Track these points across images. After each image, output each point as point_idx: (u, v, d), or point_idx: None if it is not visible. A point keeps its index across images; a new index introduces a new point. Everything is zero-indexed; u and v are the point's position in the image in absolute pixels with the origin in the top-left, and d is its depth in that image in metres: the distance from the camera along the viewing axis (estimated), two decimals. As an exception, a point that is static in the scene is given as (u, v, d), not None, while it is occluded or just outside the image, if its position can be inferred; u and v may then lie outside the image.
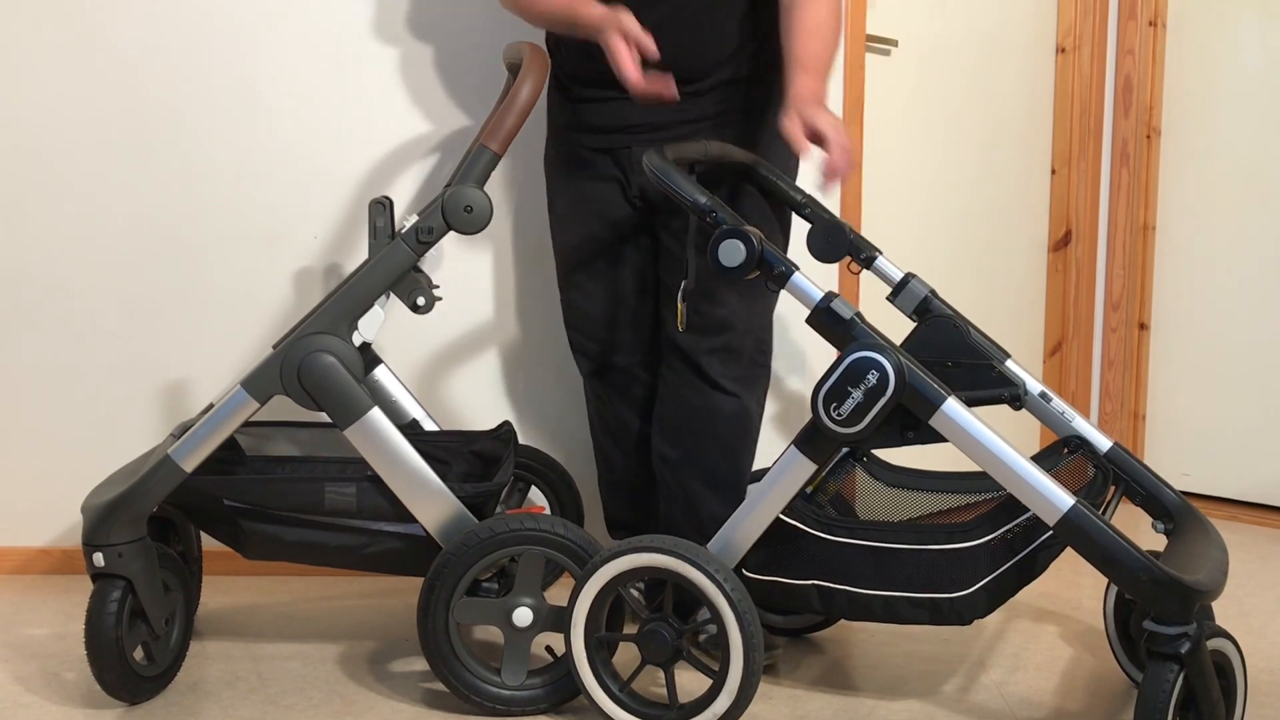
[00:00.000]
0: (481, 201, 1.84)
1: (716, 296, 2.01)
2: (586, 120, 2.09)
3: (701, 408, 2.07)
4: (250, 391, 1.83)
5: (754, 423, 2.12)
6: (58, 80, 2.43)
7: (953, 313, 1.99)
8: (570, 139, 2.13)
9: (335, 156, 2.47)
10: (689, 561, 1.71)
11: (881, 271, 2.07)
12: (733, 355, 2.05)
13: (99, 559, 1.82)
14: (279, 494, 1.90)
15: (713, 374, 2.05)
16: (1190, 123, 3.00)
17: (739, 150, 1.98)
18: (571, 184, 2.14)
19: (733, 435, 2.08)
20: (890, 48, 2.69)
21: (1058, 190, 3.13)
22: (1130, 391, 3.13)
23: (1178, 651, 1.51)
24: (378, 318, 1.89)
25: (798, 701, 1.93)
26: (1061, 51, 3.09)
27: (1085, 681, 2.02)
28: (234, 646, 2.15)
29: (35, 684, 1.99)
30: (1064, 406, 1.93)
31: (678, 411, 2.09)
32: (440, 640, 1.83)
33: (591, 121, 2.08)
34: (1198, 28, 2.97)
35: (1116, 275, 3.13)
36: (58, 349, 2.49)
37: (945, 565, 1.71)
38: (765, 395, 2.16)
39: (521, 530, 1.81)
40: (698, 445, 2.07)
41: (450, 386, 2.55)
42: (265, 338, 2.49)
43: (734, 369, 2.05)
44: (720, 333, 2.04)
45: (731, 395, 2.06)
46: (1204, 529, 1.78)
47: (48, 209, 2.46)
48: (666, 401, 2.11)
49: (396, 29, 2.44)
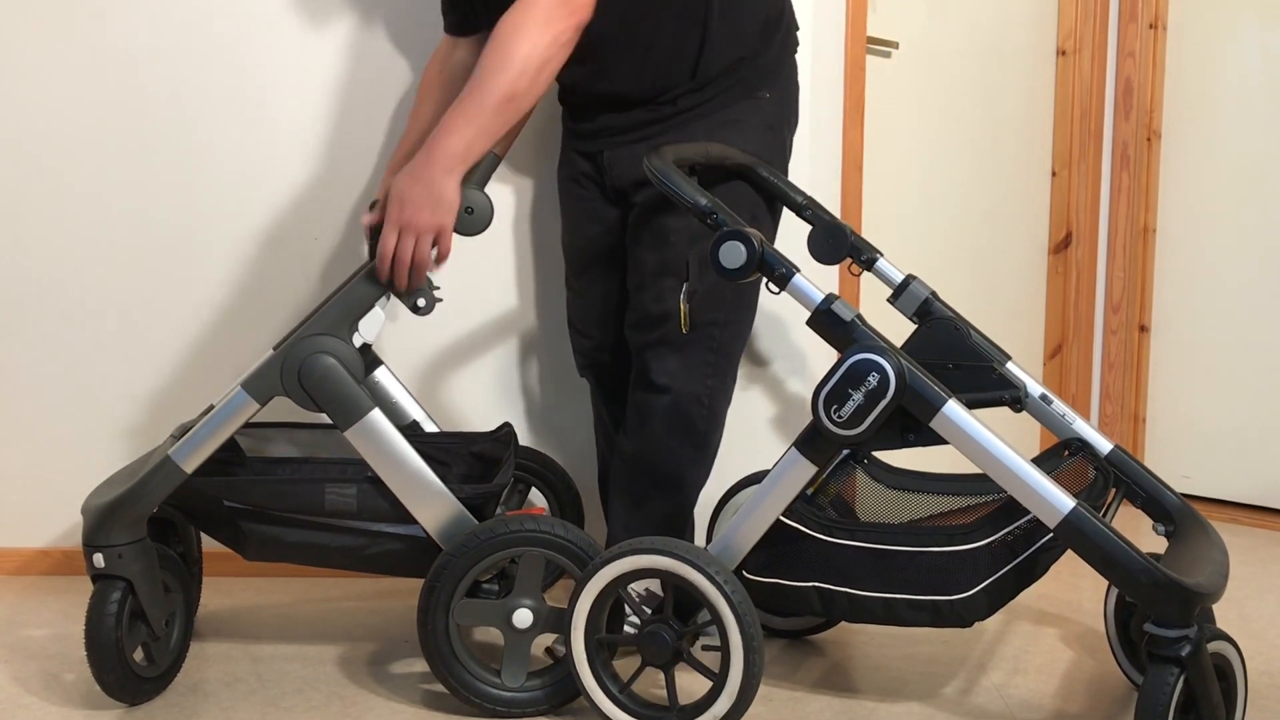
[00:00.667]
0: (482, 203, 1.84)
1: (656, 291, 1.98)
2: (573, 127, 2.15)
3: (640, 404, 2.02)
4: (251, 392, 1.83)
5: (694, 422, 2.00)
6: (59, 81, 2.43)
7: (954, 315, 1.99)
8: (567, 146, 2.20)
9: (336, 157, 2.47)
10: (689, 563, 1.71)
11: (882, 273, 2.06)
12: (669, 348, 1.98)
13: (99, 560, 1.82)
14: (279, 495, 1.89)
15: (650, 370, 1.99)
16: (1191, 125, 3.00)
17: (739, 152, 1.98)
18: (565, 185, 2.19)
19: (668, 434, 2.00)
20: (891, 50, 2.69)
21: (1058, 193, 3.13)
22: (1130, 394, 3.13)
23: (1178, 654, 1.51)
24: (378, 319, 1.89)
25: (798, 703, 1.93)
26: (1062, 54, 3.09)
27: (1086, 684, 2.01)
28: (234, 648, 2.15)
29: (35, 685, 1.98)
30: (1064, 409, 1.93)
31: (629, 406, 2.06)
32: (440, 641, 1.83)
33: (575, 125, 2.14)
34: (1198, 31, 2.97)
35: (1117, 277, 3.13)
36: (58, 349, 2.49)
37: (946, 567, 1.71)
38: (723, 394, 2.05)
39: (522, 532, 1.81)
40: (639, 442, 2.02)
41: (450, 388, 2.55)
42: (265, 339, 2.49)
43: (671, 363, 1.98)
44: (655, 327, 1.99)
45: (663, 391, 1.98)
46: (1205, 532, 1.78)
47: (48, 209, 2.46)
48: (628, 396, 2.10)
49: (398, 30, 2.44)
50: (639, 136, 2.03)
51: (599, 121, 2.07)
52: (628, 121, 2.04)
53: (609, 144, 2.07)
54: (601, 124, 2.07)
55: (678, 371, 1.98)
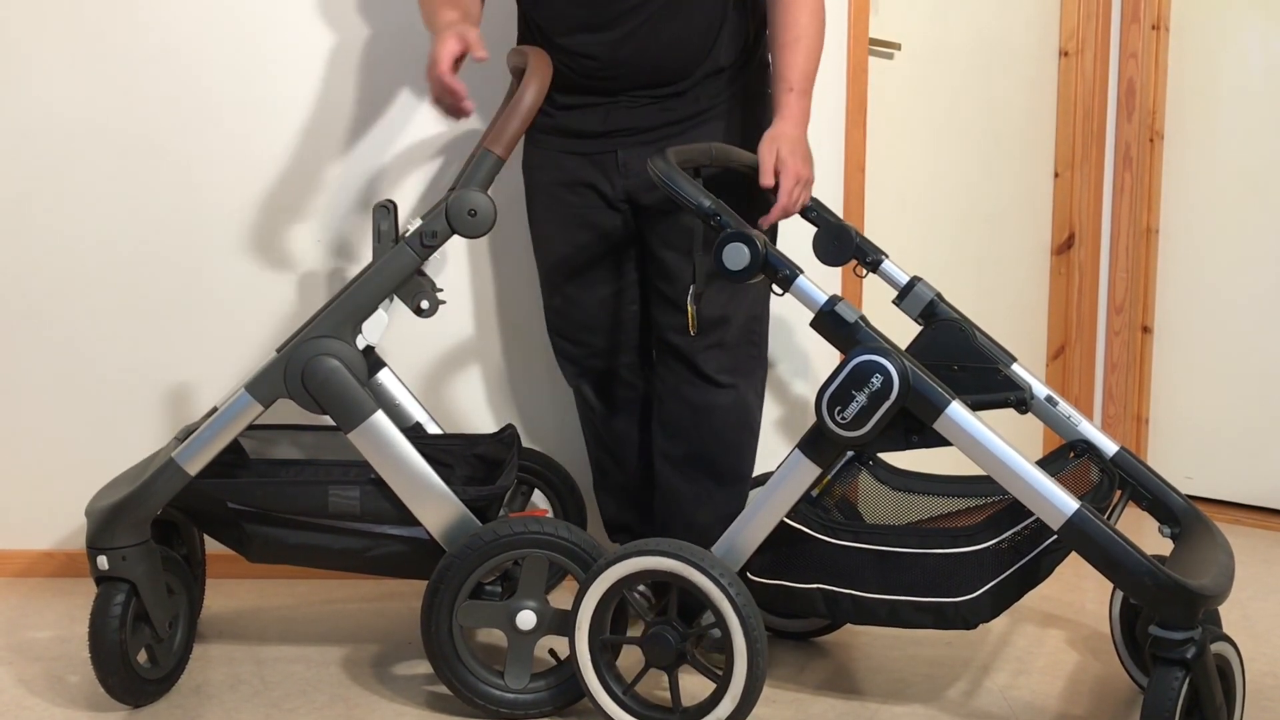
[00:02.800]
0: (486, 206, 1.83)
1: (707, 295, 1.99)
2: (567, 126, 2.08)
3: (701, 404, 2.07)
4: (254, 395, 1.83)
5: (753, 413, 2.13)
6: (60, 85, 2.43)
7: (959, 316, 1.99)
8: (548, 145, 2.12)
9: (336, 158, 2.47)
10: (693, 565, 1.71)
11: (888, 275, 2.06)
12: (724, 349, 2.06)
13: (103, 562, 1.82)
14: (283, 497, 1.89)
15: (709, 370, 2.05)
16: (1193, 126, 3.00)
17: (743, 152, 1.98)
18: (550, 190, 2.13)
19: (733, 428, 2.09)
20: (893, 51, 2.69)
21: (1061, 194, 3.13)
22: (1133, 395, 3.13)
23: (1183, 657, 1.51)
24: (382, 321, 1.89)
25: (801, 705, 1.93)
26: (1064, 55, 3.09)
27: (1090, 686, 2.01)
28: (237, 649, 2.15)
29: (39, 687, 1.98)
30: (1070, 410, 1.93)
31: (678, 409, 2.09)
32: (444, 643, 1.83)
33: (572, 127, 2.08)
34: (1200, 31, 2.97)
35: (1119, 278, 3.13)
36: (61, 352, 2.49)
37: (950, 569, 1.71)
38: (764, 383, 2.16)
39: (526, 534, 1.81)
40: (700, 441, 2.07)
41: (453, 389, 2.55)
42: (268, 341, 2.49)
43: (727, 361, 2.06)
44: (713, 330, 2.03)
45: (728, 387, 2.07)
46: (1210, 534, 1.78)
47: (50, 212, 2.46)
48: (666, 401, 2.11)
49: (399, 31, 2.44)
50: (656, 136, 2.01)
51: (611, 121, 2.03)
52: (644, 120, 2.02)
53: (623, 144, 2.03)
54: (614, 123, 2.03)
55: (735, 367, 2.07)
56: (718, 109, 2.04)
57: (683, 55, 2.00)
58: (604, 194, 2.08)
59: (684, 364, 2.07)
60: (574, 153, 2.09)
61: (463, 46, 1.84)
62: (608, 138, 2.05)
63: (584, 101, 2.05)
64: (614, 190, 2.07)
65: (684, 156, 1.81)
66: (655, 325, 2.12)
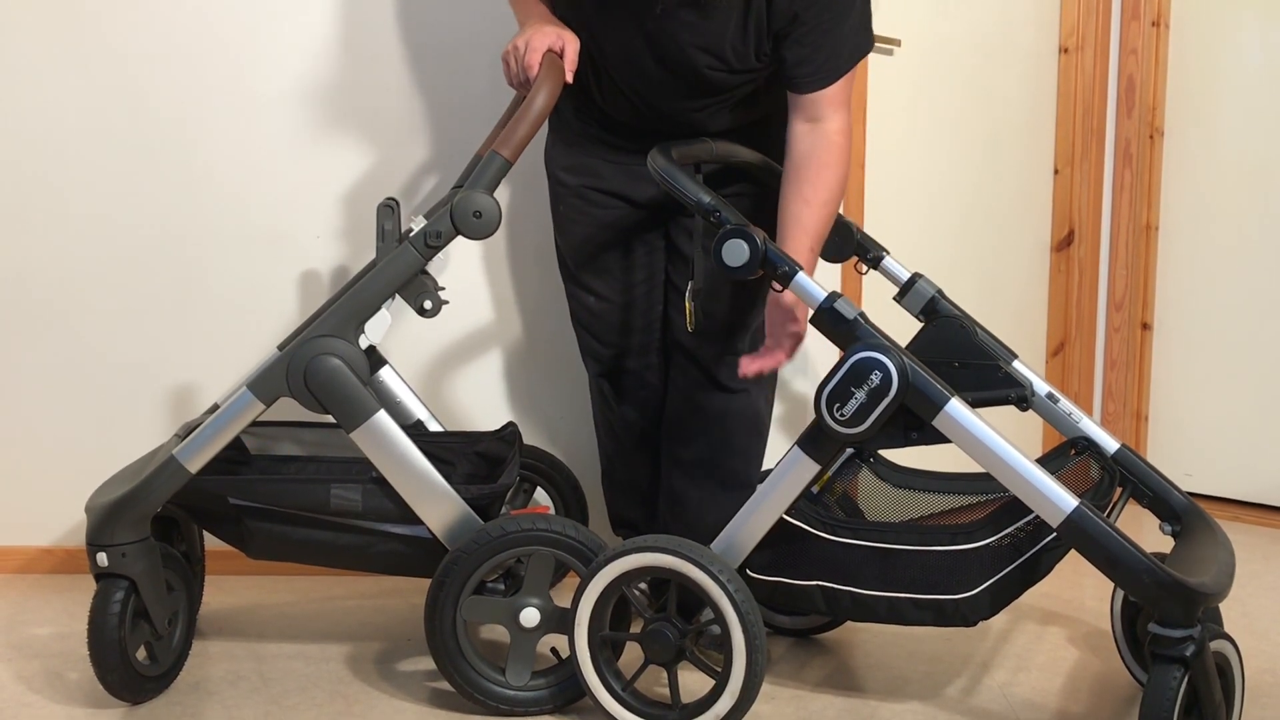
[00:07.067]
0: (491, 208, 1.81)
1: (722, 297, 2.01)
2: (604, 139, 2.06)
3: (712, 409, 2.07)
4: (256, 393, 1.83)
5: (763, 419, 2.14)
6: (59, 85, 2.42)
7: (960, 313, 1.99)
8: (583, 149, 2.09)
9: (336, 158, 2.46)
10: (693, 562, 1.71)
11: (889, 271, 2.06)
12: (738, 355, 2.04)
13: (103, 559, 1.82)
14: (284, 494, 1.89)
15: (721, 376, 2.06)
16: (1193, 123, 3.00)
17: (745, 149, 1.98)
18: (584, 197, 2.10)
19: (743, 433, 2.09)
20: (893, 48, 2.69)
21: (1060, 190, 3.13)
22: (1133, 392, 3.13)
23: (1182, 655, 1.51)
24: (384, 321, 1.88)
25: (801, 702, 1.93)
26: (1064, 52, 3.08)
27: (1089, 683, 2.01)
28: (237, 646, 2.15)
29: (38, 683, 1.99)
30: (1071, 407, 1.93)
31: (689, 413, 2.10)
32: (447, 638, 1.84)
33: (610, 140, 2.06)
34: (1200, 28, 2.97)
35: (1119, 275, 3.13)
36: (62, 350, 2.49)
37: (949, 567, 1.71)
38: (774, 388, 2.17)
39: (530, 531, 1.81)
40: (710, 446, 2.07)
41: (455, 387, 2.55)
42: (269, 338, 2.49)
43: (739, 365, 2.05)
44: (727, 334, 2.04)
45: (741, 393, 2.07)
46: (1211, 531, 1.78)
47: (50, 211, 2.46)
48: (676, 404, 2.12)
49: (402, 31, 2.44)
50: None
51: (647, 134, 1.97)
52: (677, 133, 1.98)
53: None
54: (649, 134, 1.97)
55: None
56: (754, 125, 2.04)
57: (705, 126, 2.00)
58: (638, 202, 2.06)
59: (696, 367, 2.07)
60: (617, 162, 2.06)
61: (559, 49, 1.85)
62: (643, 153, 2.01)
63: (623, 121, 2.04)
64: (647, 198, 2.05)
65: (684, 153, 1.81)
66: (673, 326, 2.12)
